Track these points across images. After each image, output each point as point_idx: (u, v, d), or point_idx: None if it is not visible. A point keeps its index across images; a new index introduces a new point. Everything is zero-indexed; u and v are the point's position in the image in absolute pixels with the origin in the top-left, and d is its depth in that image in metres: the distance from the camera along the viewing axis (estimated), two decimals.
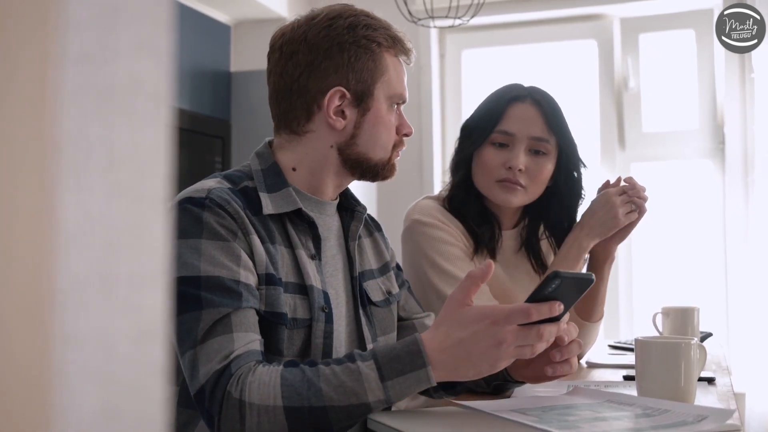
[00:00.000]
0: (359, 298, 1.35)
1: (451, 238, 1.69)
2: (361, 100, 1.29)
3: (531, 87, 1.74)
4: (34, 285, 0.32)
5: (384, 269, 1.46)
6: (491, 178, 1.69)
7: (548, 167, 1.70)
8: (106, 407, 0.35)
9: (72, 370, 0.33)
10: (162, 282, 0.39)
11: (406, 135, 1.37)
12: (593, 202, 1.75)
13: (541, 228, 1.84)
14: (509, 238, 1.80)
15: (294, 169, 1.31)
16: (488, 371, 1.09)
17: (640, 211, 1.72)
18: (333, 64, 1.27)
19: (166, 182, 0.39)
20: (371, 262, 1.44)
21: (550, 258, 1.85)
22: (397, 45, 1.33)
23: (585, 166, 1.77)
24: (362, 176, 1.35)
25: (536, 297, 1.08)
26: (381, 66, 1.30)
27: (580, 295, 1.15)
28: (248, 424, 1.06)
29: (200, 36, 3.41)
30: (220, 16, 3.67)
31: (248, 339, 1.12)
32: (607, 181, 1.79)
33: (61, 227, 0.33)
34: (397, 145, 1.36)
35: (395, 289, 1.47)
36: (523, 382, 1.38)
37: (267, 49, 1.34)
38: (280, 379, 1.07)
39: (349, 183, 1.38)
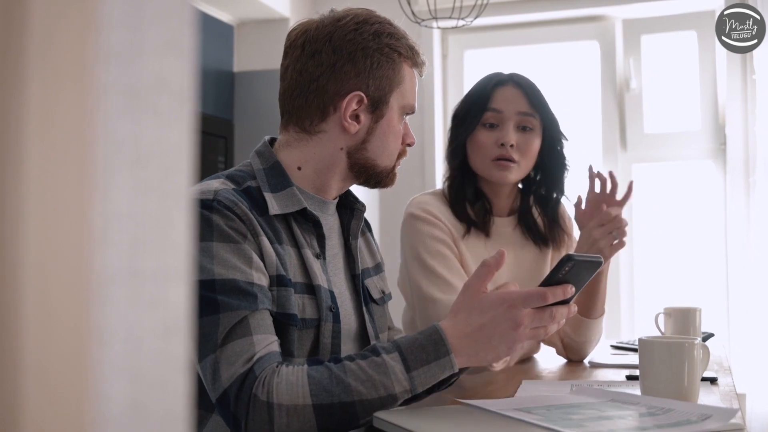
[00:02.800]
0: (362, 296, 1.36)
1: (441, 234, 1.77)
2: (377, 107, 1.30)
3: (511, 72, 1.87)
4: (68, 280, 0.33)
5: (377, 268, 1.49)
6: (487, 157, 1.80)
7: (536, 142, 1.83)
8: (133, 402, 0.36)
9: (103, 366, 0.34)
10: (185, 278, 0.39)
11: (410, 145, 1.39)
12: (578, 241, 1.83)
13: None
14: (506, 225, 1.89)
15: (299, 168, 1.31)
16: (505, 354, 1.14)
17: (621, 233, 1.77)
18: (355, 68, 1.28)
19: (190, 179, 0.40)
20: (367, 261, 1.45)
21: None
22: (414, 56, 1.34)
23: (566, 139, 1.90)
24: (366, 182, 1.36)
25: (550, 281, 1.13)
26: (399, 76, 1.32)
27: (590, 277, 1.19)
28: (277, 425, 1.07)
29: (203, 36, 3.41)
30: (224, 16, 3.67)
31: (268, 341, 1.13)
32: (591, 187, 1.86)
33: (92, 223, 0.33)
34: (400, 154, 1.38)
35: (388, 289, 1.50)
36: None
37: (270, 49, 1.36)
38: (307, 378, 1.09)
39: (350, 186, 1.40)
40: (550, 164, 1.88)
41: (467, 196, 1.85)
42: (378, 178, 1.35)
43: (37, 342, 0.32)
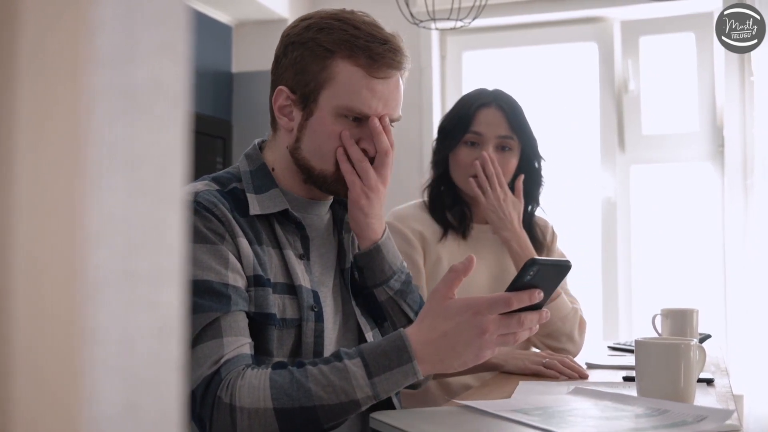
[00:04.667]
0: (351, 290, 1.36)
1: (406, 247, 1.91)
2: (306, 103, 1.27)
3: (495, 91, 1.99)
4: (61, 282, 0.33)
5: None
6: (466, 173, 1.94)
7: (513, 161, 1.96)
8: (127, 402, 0.36)
9: (96, 367, 0.34)
10: (179, 279, 0.40)
11: (368, 153, 1.28)
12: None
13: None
14: (486, 231, 2.01)
15: (273, 170, 1.32)
16: (473, 361, 1.11)
17: (490, 184, 1.91)
18: (286, 62, 1.28)
19: (184, 181, 0.40)
20: None
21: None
22: (358, 54, 1.23)
23: (544, 159, 2.03)
24: (316, 186, 1.31)
25: (516, 285, 1.10)
26: (329, 73, 1.24)
27: (560, 280, 1.16)
28: (239, 428, 1.07)
29: (202, 36, 3.42)
30: (222, 16, 3.68)
31: (238, 343, 1.13)
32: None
33: (86, 226, 0.34)
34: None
35: None
36: None
37: (268, 50, 1.36)
38: (269, 381, 1.08)
39: (324, 194, 1.34)
40: (526, 180, 2.00)
41: (446, 203, 1.99)
42: (320, 182, 1.29)
43: (31, 343, 0.32)
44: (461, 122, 1.95)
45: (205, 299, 1.13)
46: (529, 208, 2.04)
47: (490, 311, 1.08)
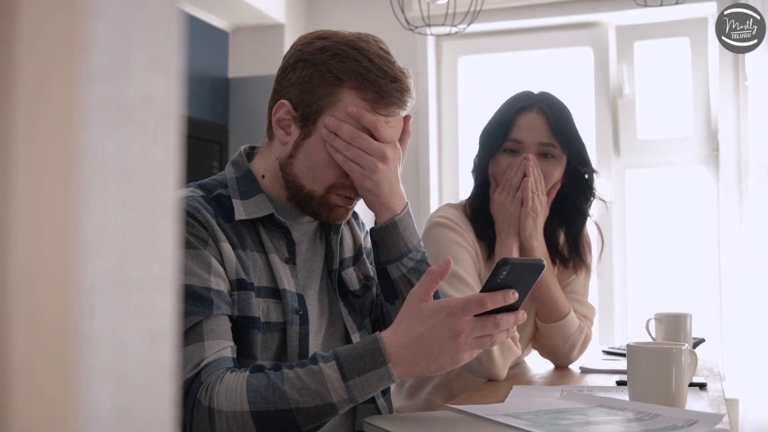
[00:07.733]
0: (339, 291, 1.37)
1: (464, 242, 1.79)
2: (305, 123, 1.27)
3: (540, 94, 1.87)
4: (56, 290, 0.34)
5: (358, 255, 1.47)
6: None
7: (557, 170, 1.82)
8: (119, 408, 0.37)
9: (89, 372, 0.35)
10: (171, 287, 0.41)
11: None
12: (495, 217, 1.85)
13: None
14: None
15: (263, 177, 1.33)
16: (450, 365, 1.11)
17: (524, 197, 1.78)
18: (294, 77, 1.27)
19: (175, 193, 0.41)
20: (349, 250, 1.45)
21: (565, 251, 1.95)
22: (366, 87, 1.24)
23: (595, 171, 1.90)
24: (299, 205, 1.31)
25: (489, 286, 1.09)
26: (333, 100, 1.25)
27: (534, 281, 1.15)
28: (218, 431, 1.08)
29: (198, 42, 3.43)
30: (219, 22, 3.69)
31: (219, 346, 1.14)
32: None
33: (80, 235, 0.35)
34: (337, 188, 1.30)
35: (370, 272, 1.47)
36: None
37: (265, 55, 1.37)
38: (246, 385, 1.09)
39: (307, 212, 1.34)
40: (573, 192, 1.88)
41: (487, 217, 1.85)
42: (306, 201, 1.30)
43: (26, 349, 0.33)
44: (501, 128, 1.83)
45: (187, 304, 1.14)
46: (577, 221, 1.92)
47: (464, 312, 1.08)
